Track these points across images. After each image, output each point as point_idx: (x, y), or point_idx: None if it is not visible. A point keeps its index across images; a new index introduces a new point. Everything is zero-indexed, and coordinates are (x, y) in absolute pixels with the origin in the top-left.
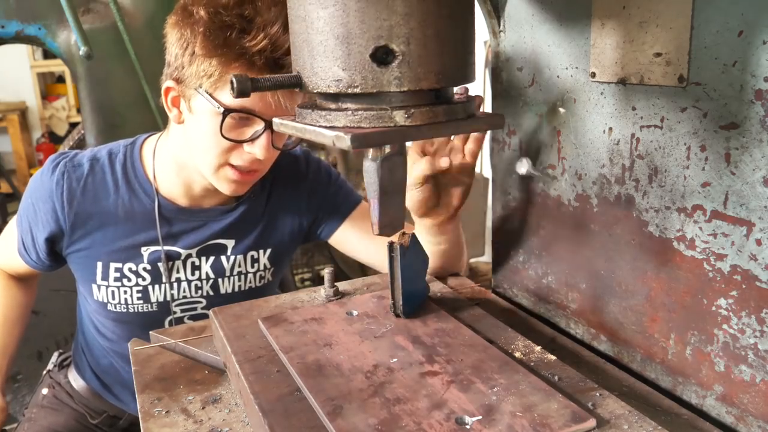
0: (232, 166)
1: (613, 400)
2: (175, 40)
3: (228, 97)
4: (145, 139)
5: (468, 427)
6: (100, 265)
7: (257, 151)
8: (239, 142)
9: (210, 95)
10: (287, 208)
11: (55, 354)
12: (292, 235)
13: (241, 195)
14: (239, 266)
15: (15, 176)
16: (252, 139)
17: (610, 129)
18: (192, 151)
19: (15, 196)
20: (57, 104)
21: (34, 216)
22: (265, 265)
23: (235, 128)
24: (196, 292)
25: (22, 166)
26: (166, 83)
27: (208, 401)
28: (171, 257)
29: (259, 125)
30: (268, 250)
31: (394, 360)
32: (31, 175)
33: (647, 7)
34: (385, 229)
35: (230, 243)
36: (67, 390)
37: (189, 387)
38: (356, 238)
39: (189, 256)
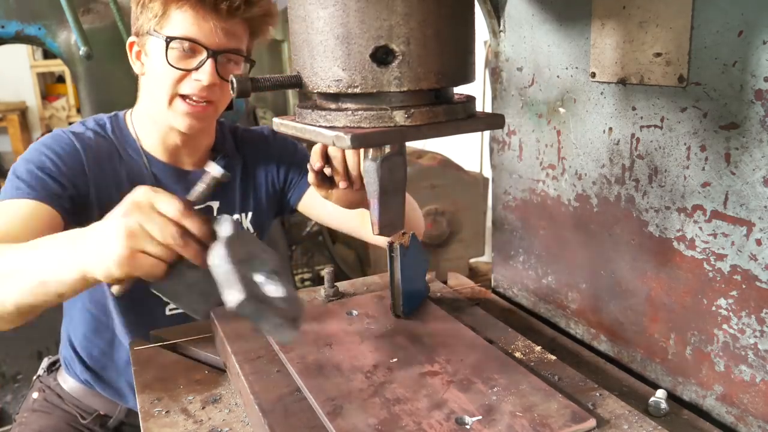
0: (183, 97)
1: (613, 400)
2: (132, 3)
3: (171, 30)
4: (125, 112)
5: (468, 427)
6: None
7: (202, 76)
8: (185, 71)
9: (157, 33)
10: (260, 172)
11: (45, 359)
12: (268, 196)
13: (214, 153)
14: None
15: None
16: (197, 68)
17: (610, 129)
18: (151, 92)
19: None
20: (57, 104)
21: (55, 168)
22: (248, 228)
23: (183, 59)
24: None
25: None
26: (129, 39)
27: (208, 401)
28: None
29: (203, 54)
30: (250, 213)
31: (394, 360)
32: None
33: (647, 7)
34: (385, 229)
35: (215, 204)
36: (57, 392)
37: (189, 387)
38: (323, 202)
39: None
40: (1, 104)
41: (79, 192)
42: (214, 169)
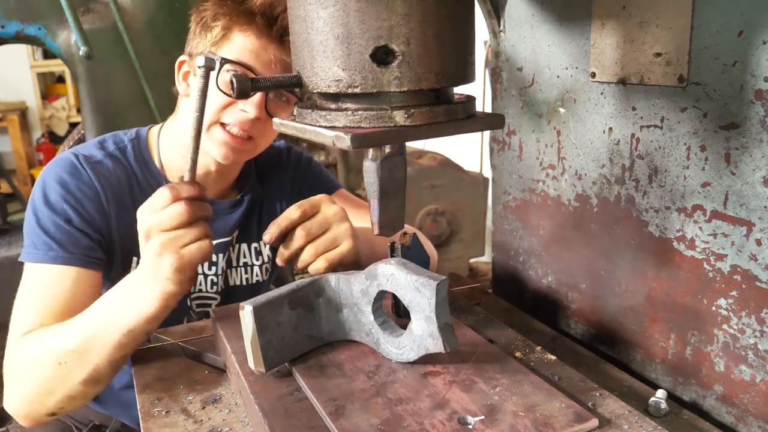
0: (224, 126)
1: (613, 400)
2: (192, 20)
3: (229, 54)
4: (149, 129)
5: (470, 427)
6: (135, 260)
7: (249, 108)
8: (233, 97)
9: (212, 54)
10: (276, 196)
11: None
12: None
13: (243, 187)
14: (244, 257)
15: (15, 176)
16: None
17: (610, 129)
18: (192, 114)
19: (15, 196)
20: (57, 104)
21: (79, 218)
22: (268, 255)
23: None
24: (212, 288)
25: (22, 166)
26: (180, 58)
27: (208, 401)
28: None
29: None
30: None
31: (396, 360)
32: (31, 175)
33: (647, 7)
34: (385, 229)
35: (234, 233)
36: None
37: (189, 387)
38: None
39: None
40: (1, 104)
41: (103, 235)
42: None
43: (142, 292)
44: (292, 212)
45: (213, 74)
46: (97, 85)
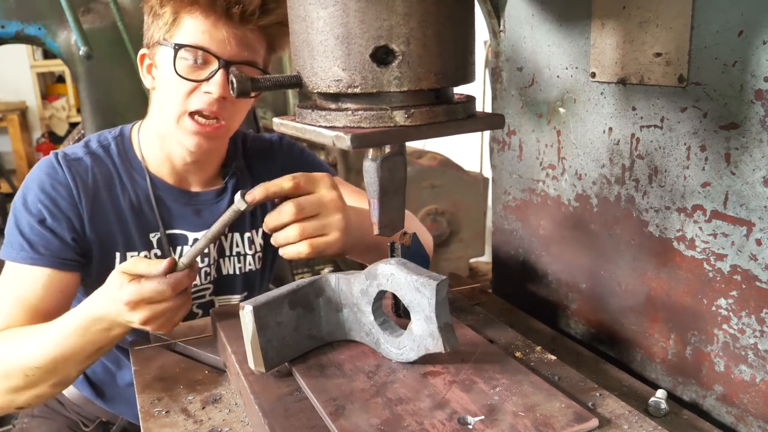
0: (192, 115)
1: (613, 400)
2: (145, 13)
3: (182, 38)
4: (132, 127)
5: (470, 427)
6: (118, 255)
7: (212, 88)
8: (194, 81)
9: (167, 41)
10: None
11: None
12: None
13: (226, 172)
14: (237, 246)
15: (15, 176)
16: (207, 78)
17: (610, 129)
18: (161, 107)
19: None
20: (57, 104)
21: (52, 219)
22: (261, 244)
23: (193, 71)
24: (206, 279)
25: (22, 166)
26: (140, 52)
27: (208, 401)
28: (178, 242)
29: (214, 65)
30: (260, 230)
31: (396, 360)
32: None
33: (647, 7)
34: (385, 229)
35: None
36: (58, 398)
37: (189, 387)
38: None
39: (196, 240)
40: (1, 104)
41: (78, 233)
42: (240, 203)
43: (116, 324)
44: (285, 181)
45: (170, 61)
46: (97, 85)
